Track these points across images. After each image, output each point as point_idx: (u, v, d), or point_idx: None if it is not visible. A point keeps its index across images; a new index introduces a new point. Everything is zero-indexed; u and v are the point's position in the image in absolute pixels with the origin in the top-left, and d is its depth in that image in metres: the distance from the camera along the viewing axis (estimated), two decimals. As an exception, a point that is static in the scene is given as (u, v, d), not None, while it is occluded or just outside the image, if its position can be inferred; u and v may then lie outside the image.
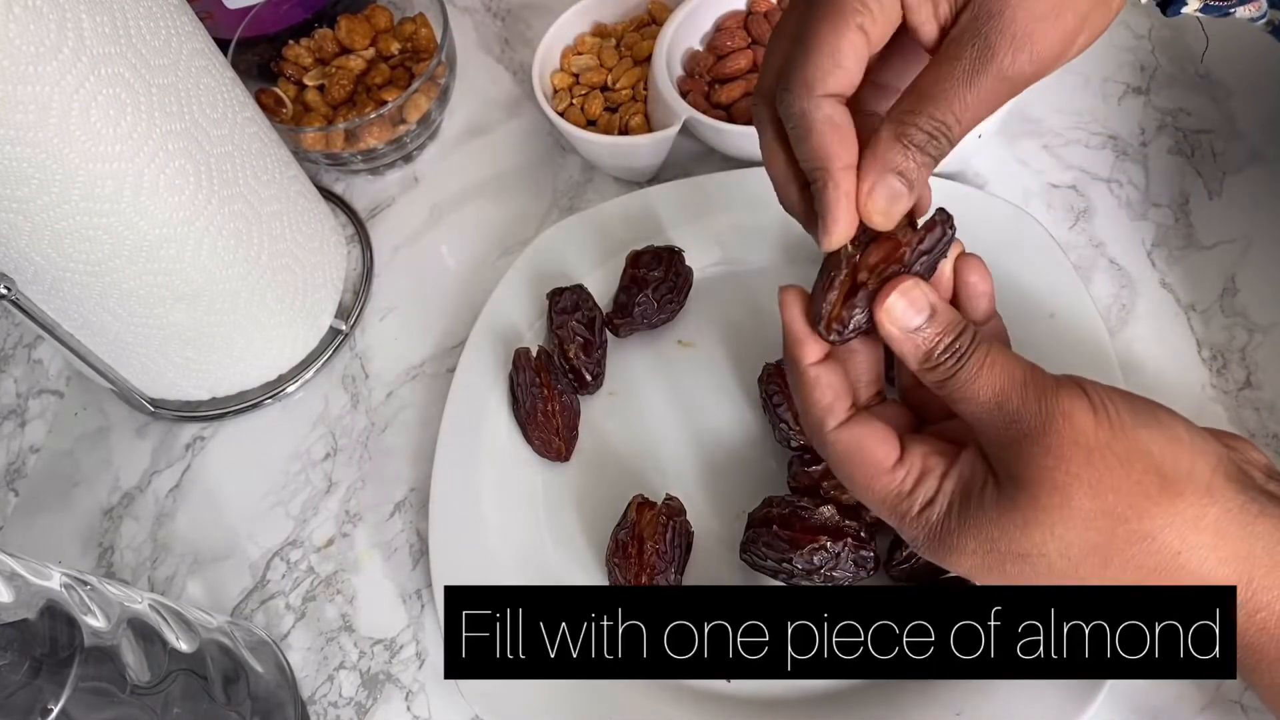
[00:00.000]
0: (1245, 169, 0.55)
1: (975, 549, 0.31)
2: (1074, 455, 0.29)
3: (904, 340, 0.32)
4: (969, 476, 0.32)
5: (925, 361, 0.32)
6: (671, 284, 0.53)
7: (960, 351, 0.32)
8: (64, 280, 0.47)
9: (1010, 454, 0.30)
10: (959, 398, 0.32)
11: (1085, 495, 0.29)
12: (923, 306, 0.32)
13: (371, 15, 0.67)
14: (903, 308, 0.32)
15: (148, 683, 0.37)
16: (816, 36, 0.31)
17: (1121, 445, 0.30)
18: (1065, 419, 0.30)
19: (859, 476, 0.33)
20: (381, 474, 0.55)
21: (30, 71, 0.39)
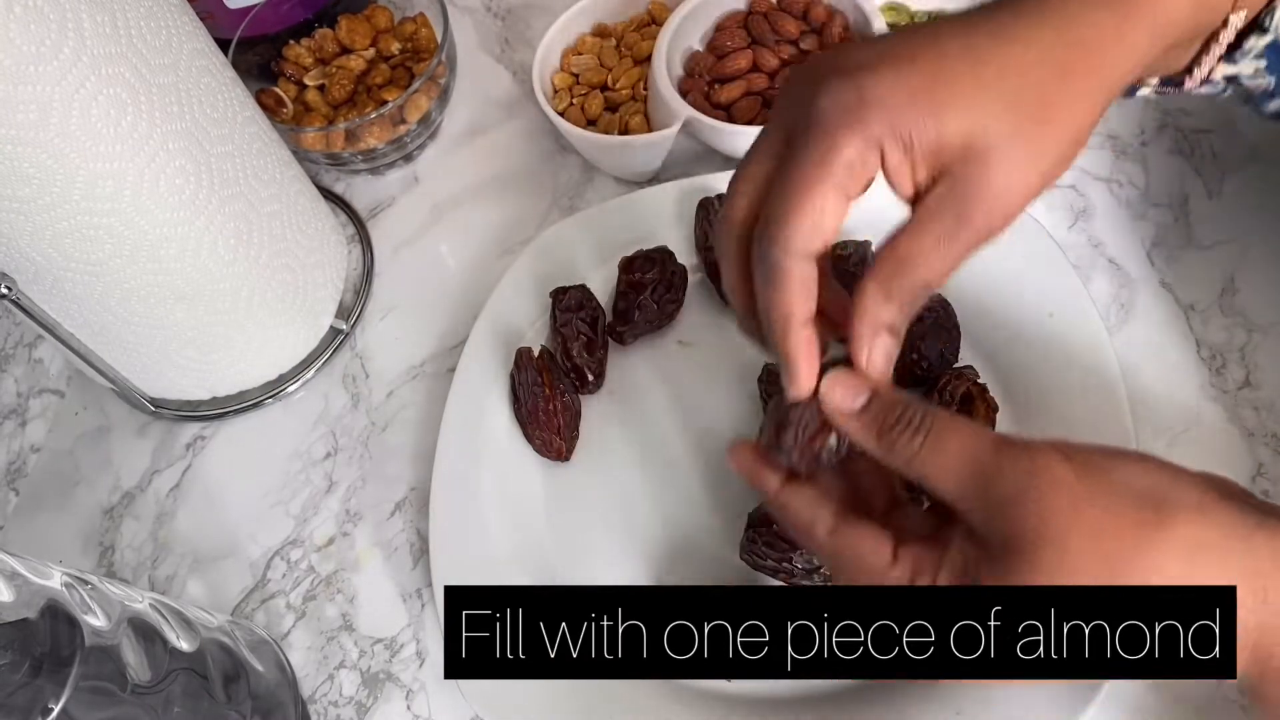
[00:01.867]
0: (1245, 169, 0.55)
1: None
2: (1061, 507, 0.29)
3: (853, 423, 0.33)
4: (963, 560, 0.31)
5: (882, 440, 0.32)
6: (668, 284, 0.53)
7: (913, 424, 0.32)
8: (64, 280, 0.48)
9: (996, 521, 0.30)
10: (931, 474, 0.31)
11: (1084, 544, 0.29)
12: (860, 389, 0.33)
13: (372, 15, 0.67)
14: (839, 393, 0.33)
15: (148, 682, 0.37)
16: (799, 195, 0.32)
17: (1104, 486, 0.29)
18: (1045, 473, 0.29)
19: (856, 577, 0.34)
20: (382, 473, 0.55)
21: (31, 71, 0.39)
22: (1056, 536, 0.29)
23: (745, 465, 0.37)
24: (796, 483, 0.35)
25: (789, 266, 0.32)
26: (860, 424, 0.33)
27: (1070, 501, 0.29)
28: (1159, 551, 0.29)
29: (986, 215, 0.32)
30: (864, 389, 0.33)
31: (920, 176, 0.32)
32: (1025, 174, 0.31)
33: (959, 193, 0.31)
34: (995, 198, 0.31)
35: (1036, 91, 0.31)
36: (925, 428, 0.32)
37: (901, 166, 0.32)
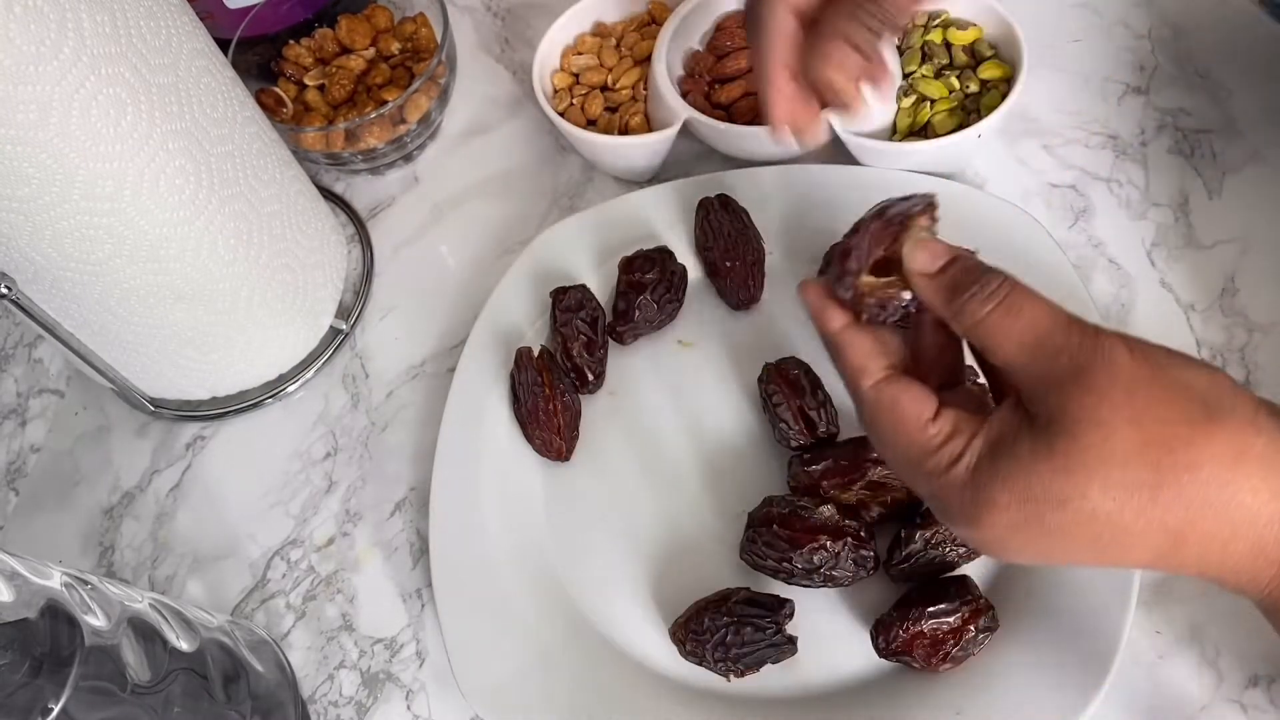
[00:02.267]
0: (1245, 169, 0.55)
1: (1009, 502, 0.30)
2: (1115, 391, 0.29)
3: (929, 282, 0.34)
4: (1001, 429, 0.31)
5: (953, 302, 0.33)
6: (668, 284, 0.53)
7: (989, 292, 0.32)
8: (64, 280, 0.48)
9: (1050, 395, 0.30)
10: (997, 338, 0.32)
11: (1129, 429, 0.29)
12: (941, 254, 0.34)
13: (372, 15, 0.67)
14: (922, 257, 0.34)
15: (148, 682, 0.37)
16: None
17: (1163, 379, 0.29)
18: (1105, 357, 0.30)
19: (890, 432, 0.34)
20: (382, 473, 0.55)
21: (31, 71, 0.39)
22: (1104, 418, 0.29)
23: (814, 298, 0.37)
24: (858, 327, 0.36)
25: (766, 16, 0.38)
26: (935, 284, 0.34)
27: (1125, 387, 0.29)
28: (1204, 451, 0.28)
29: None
30: (945, 254, 0.34)
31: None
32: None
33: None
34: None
35: None
36: (1001, 294, 0.32)
37: None
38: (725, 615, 0.44)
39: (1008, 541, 0.31)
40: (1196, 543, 0.29)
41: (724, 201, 0.54)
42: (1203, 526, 0.29)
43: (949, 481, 0.32)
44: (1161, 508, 0.28)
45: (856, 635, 0.45)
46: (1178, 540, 0.29)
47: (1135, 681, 0.43)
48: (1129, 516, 0.29)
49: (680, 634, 0.45)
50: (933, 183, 0.53)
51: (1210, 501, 0.28)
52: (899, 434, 0.33)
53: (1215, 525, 0.29)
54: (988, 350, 0.32)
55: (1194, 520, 0.28)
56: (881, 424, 0.34)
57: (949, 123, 0.56)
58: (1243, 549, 0.29)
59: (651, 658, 0.47)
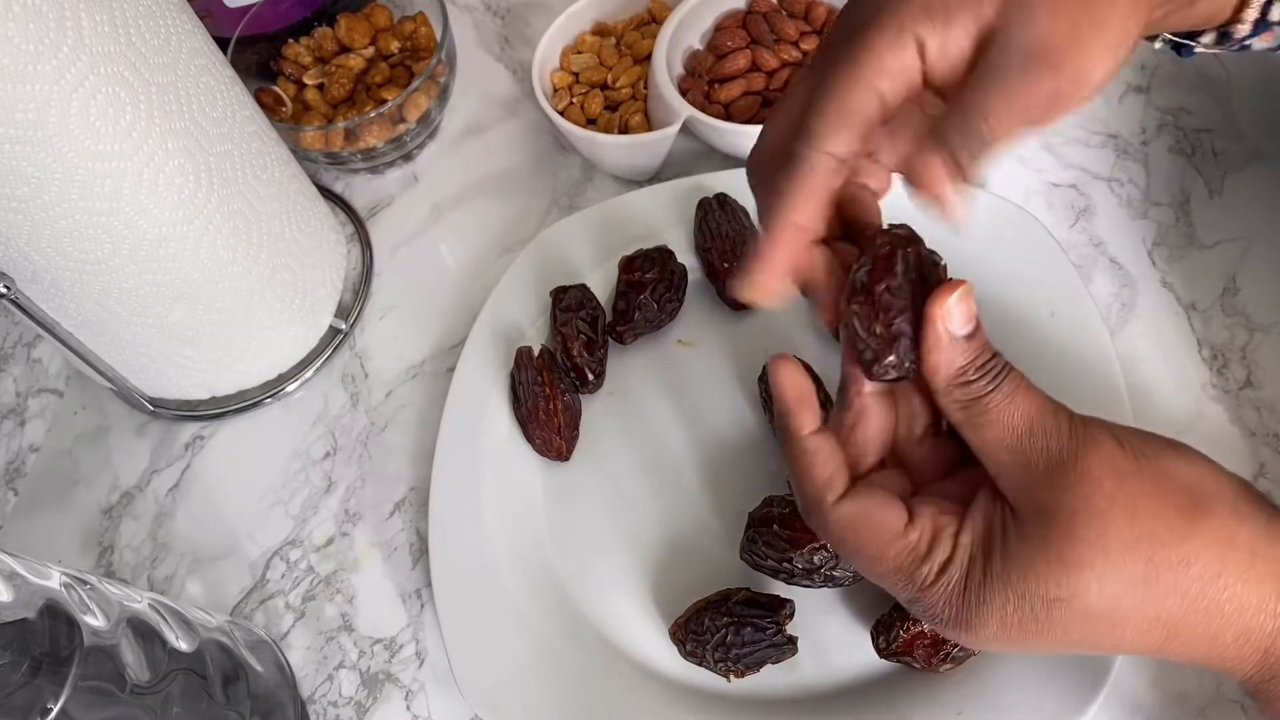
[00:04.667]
0: (1246, 168, 0.55)
1: (1004, 601, 0.29)
2: (1108, 480, 0.29)
3: (947, 349, 0.31)
4: (986, 526, 0.30)
5: (960, 377, 0.31)
6: (668, 283, 0.53)
7: (995, 371, 0.31)
8: (63, 279, 0.47)
9: (1040, 485, 0.29)
10: (987, 423, 0.31)
11: (1123, 522, 0.28)
12: (971, 317, 0.31)
13: (371, 14, 0.67)
14: (959, 312, 0.31)
15: (147, 682, 0.36)
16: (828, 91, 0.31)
17: (1150, 470, 0.29)
18: (1095, 446, 0.29)
19: (869, 548, 0.31)
20: (381, 473, 0.55)
21: (29, 70, 0.39)
22: (1099, 509, 0.28)
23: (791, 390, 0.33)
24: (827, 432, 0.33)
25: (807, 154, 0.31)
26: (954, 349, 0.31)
27: (1116, 478, 0.29)
28: (1194, 544, 0.28)
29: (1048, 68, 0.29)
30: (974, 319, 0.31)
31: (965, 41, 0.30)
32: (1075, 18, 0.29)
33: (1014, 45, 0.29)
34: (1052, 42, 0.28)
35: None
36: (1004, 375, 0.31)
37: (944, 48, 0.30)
38: (725, 615, 0.43)
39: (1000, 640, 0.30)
40: (1187, 634, 0.29)
41: (723, 201, 0.54)
42: (1193, 619, 0.29)
43: (941, 589, 0.30)
44: (1155, 604, 0.29)
45: (856, 635, 0.45)
46: (1169, 634, 0.29)
47: (1135, 681, 0.43)
48: (1123, 614, 0.29)
49: (680, 634, 0.45)
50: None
51: (1202, 595, 0.29)
52: (878, 549, 0.31)
53: (1205, 618, 0.29)
54: (975, 432, 0.31)
55: (1185, 614, 0.29)
56: (857, 540, 0.32)
57: (949, 122, 0.55)
58: (1230, 637, 0.29)
59: (651, 658, 0.47)
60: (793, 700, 0.44)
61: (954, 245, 0.52)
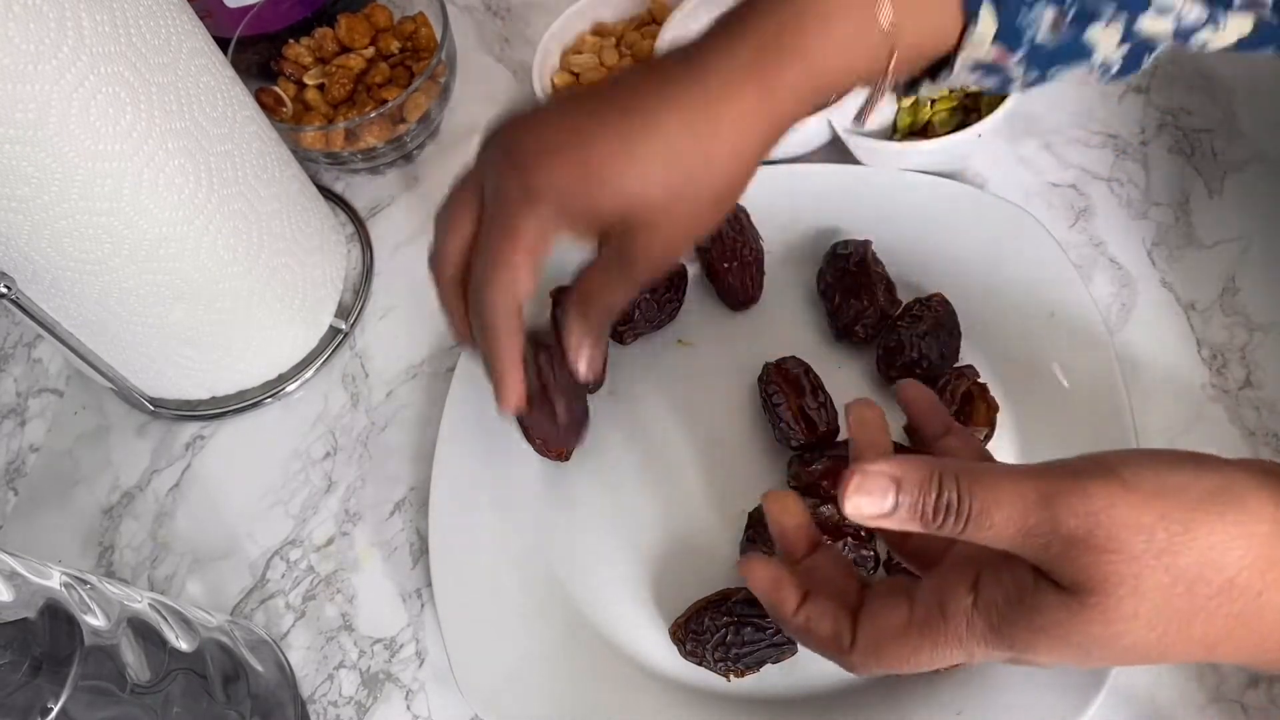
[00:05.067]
0: (1245, 168, 0.55)
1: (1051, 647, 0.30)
2: (1131, 540, 0.28)
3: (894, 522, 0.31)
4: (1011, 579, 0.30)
5: (928, 527, 0.31)
6: (668, 283, 0.53)
7: (952, 504, 0.30)
8: (63, 279, 0.47)
9: (1063, 564, 0.29)
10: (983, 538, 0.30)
11: (1156, 572, 0.28)
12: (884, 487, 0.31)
13: (371, 14, 0.67)
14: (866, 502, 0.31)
15: (147, 682, 0.37)
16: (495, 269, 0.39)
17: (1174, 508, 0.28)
18: (1107, 510, 0.28)
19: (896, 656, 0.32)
20: (381, 473, 0.55)
21: (30, 70, 0.39)
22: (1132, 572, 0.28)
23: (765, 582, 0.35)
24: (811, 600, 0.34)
25: (497, 324, 0.39)
26: (898, 521, 0.31)
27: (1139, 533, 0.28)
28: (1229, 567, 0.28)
29: (646, 266, 0.38)
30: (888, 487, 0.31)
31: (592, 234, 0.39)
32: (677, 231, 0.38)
33: (622, 251, 0.38)
34: (652, 253, 0.38)
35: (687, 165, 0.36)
36: (966, 506, 0.30)
37: (577, 233, 0.38)
38: (725, 615, 0.43)
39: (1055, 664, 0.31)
40: (1232, 647, 0.29)
41: (724, 201, 0.54)
42: (1239, 634, 0.29)
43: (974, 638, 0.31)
44: (1200, 628, 0.29)
45: (857, 635, 0.45)
46: (1214, 651, 0.29)
47: (1135, 681, 0.43)
48: (1170, 641, 0.29)
49: (680, 634, 0.45)
50: (932, 182, 0.53)
51: (1244, 613, 0.29)
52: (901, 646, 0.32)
53: (1250, 632, 0.29)
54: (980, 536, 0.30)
55: (1231, 631, 0.29)
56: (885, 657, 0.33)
57: (949, 122, 0.55)
58: (1273, 644, 0.29)
59: (651, 658, 0.47)
60: (793, 700, 0.44)
61: (954, 246, 0.52)
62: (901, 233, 0.52)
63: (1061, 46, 0.39)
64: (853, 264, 0.51)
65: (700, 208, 0.38)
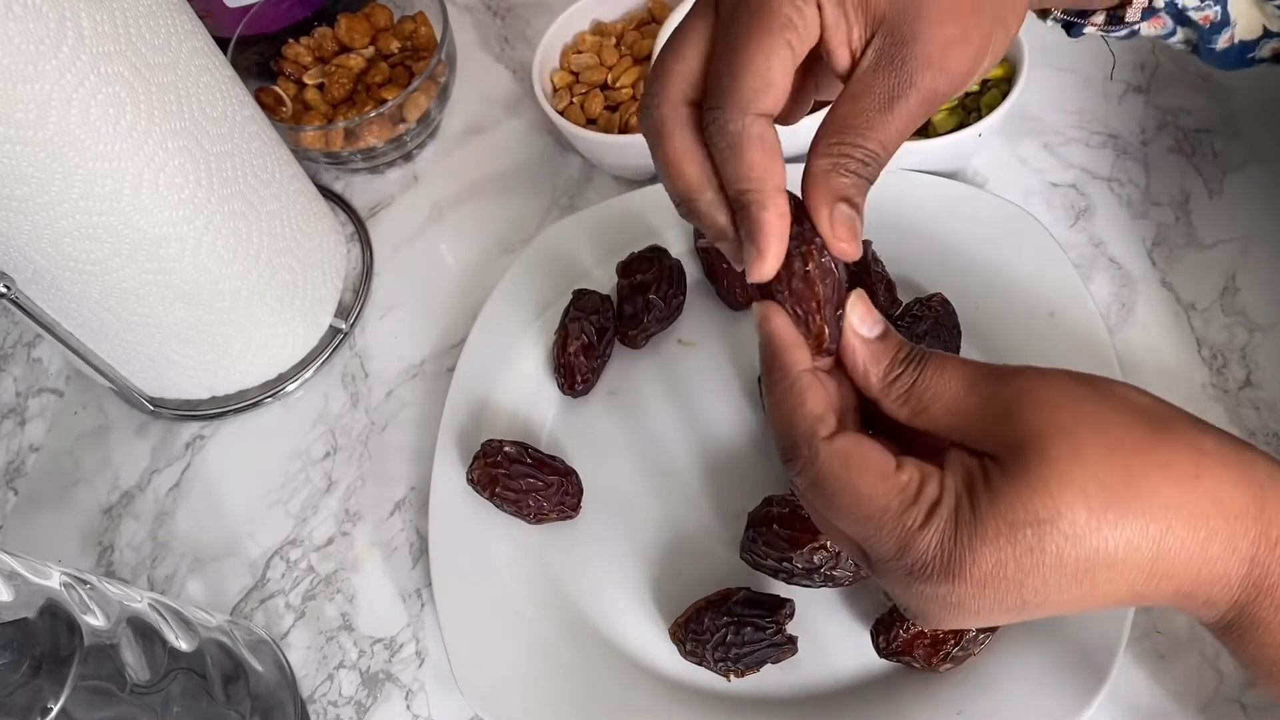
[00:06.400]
0: (1245, 168, 0.55)
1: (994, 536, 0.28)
2: (1069, 402, 0.29)
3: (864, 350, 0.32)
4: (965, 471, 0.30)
5: (888, 375, 0.32)
6: (669, 280, 0.53)
7: (916, 359, 0.32)
8: (63, 279, 0.47)
9: (1005, 423, 0.30)
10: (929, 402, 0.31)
11: (1093, 434, 0.28)
12: (877, 318, 0.33)
13: (371, 14, 0.67)
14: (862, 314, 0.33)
15: (147, 682, 0.37)
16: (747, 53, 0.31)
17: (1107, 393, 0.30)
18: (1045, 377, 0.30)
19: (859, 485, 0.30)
20: (381, 473, 0.55)
21: (30, 70, 0.39)
22: (1066, 426, 0.28)
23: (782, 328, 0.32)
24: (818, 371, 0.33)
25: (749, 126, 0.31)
26: (869, 350, 0.32)
27: (1075, 401, 0.29)
28: (1167, 448, 0.29)
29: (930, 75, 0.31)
30: (881, 322, 0.33)
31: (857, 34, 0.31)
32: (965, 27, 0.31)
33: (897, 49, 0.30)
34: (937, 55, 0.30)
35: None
36: (925, 359, 0.32)
37: (838, 22, 0.31)
38: (725, 615, 0.43)
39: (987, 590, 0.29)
40: (1176, 548, 0.28)
41: (724, 201, 0.54)
42: (1180, 529, 0.28)
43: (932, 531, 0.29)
44: (1139, 511, 0.28)
45: (856, 635, 0.45)
46: (1158, 551, 0.28)
47: (1135, 681, 0.43)
48: (1109, 527, 0.28)
49: (680, 634, 0.45)
50: (933, 182, 0.53)
51: (1184, 498, 0.28)
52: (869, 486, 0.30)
53: (1191, 526, 0.28)
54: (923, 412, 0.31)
55: (1171, 523, 0.28)
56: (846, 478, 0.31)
57: (949, 122, 0.55)
58: (1217, 549, 0.28)
59: (651, 658, 0.47)
60: (793, 700, 0.44)
61: (954, 246, 0.52)
62: (901, 233, 0.52)
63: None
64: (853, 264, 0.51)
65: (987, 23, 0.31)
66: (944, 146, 0.53)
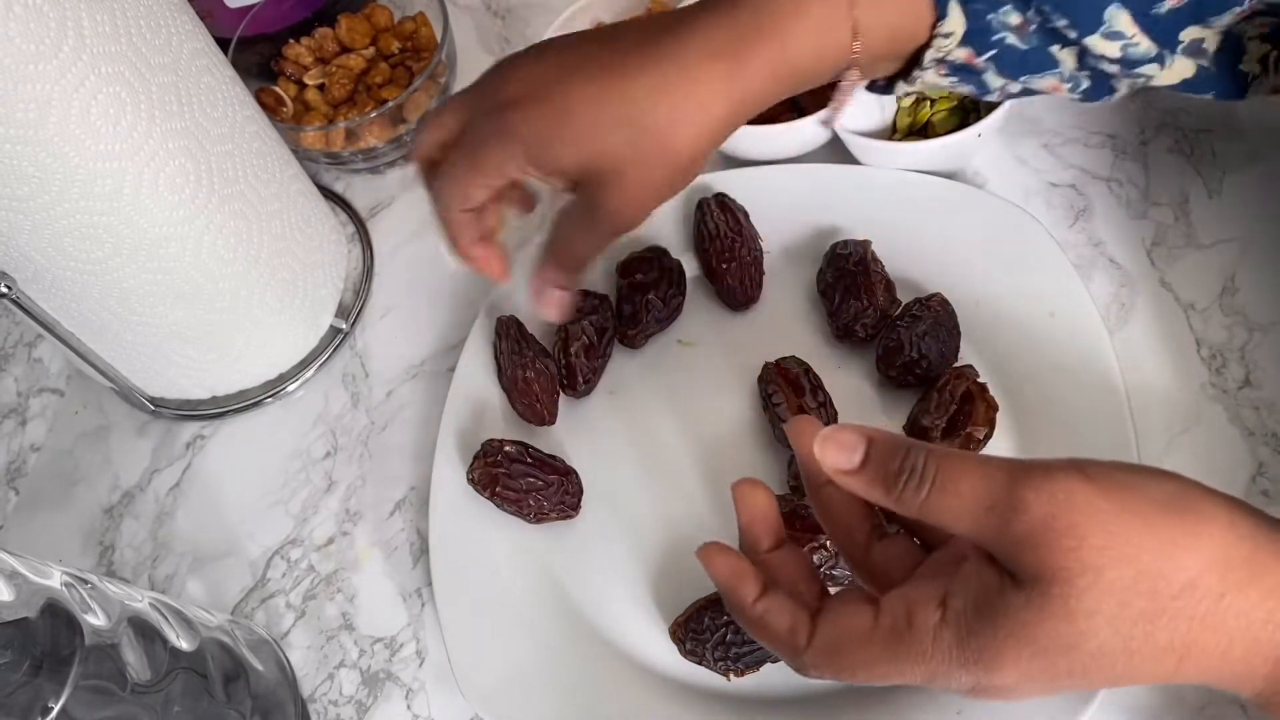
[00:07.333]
0: (1245, 168, 0.55)
1: (1018, 656, 0.29)
2: (1092, 529, 0.28)
3: (855, 480, 0.32)
4: (978, 586, 0.30)
5: (891, 493, 0.31)
6: (669, 280, 0.54)
7: (918, 470, 0.31)
8: (64, 279, 0.48)
9: (1024, 551, 0.29)
10: (944, 518, 0.30)
11: (1118, 565, 0.28)
12: (854, 444, 0.32)
13: (372, 14, 0.67)
14: (834, 452, 0.32)
15: (148, 681, 0.37)
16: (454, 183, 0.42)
17: (1132, 503, 0.29)
18: (1067, 500, 0.29)
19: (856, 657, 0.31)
20: (382, 472, 0.55)
21: (30, 70, 0.39)
22: (1093, 561, 0.28)
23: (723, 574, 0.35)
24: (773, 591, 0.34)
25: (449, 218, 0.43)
26: (863, 480, 0.32)
27: (1101, 525, 0.28)
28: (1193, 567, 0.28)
29: (612, 222, 0.41)
30: (859, 443, 0.32)
31: (561, 184, 0.41)
32: (639, 195, 0.40)
33: (588, 204, 0.41)
34: (615, 209, 0.40)
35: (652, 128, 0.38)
36: (931, 473, 0.30)
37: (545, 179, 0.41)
38: (725, 615, 0.44)
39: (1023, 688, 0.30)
40: (1199, 656, 0.29)
41: (721, 202, 0.54)
42: (1204, 640, 0.29)
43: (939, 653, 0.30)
44: (1165, 632, 0.29)
45: (856, 635, 0.45)
46: (1182, 657, 0.29)
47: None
48: (1136, 645, 0.29)
49: (680, 633, 0.45)
50: (932, 182, 0.53)
51: (1208, 616, 0.28)
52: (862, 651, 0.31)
53: (1215, 637, 0.29)
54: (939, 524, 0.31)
55: (1196, 636, 0.29)
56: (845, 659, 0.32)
57: (949, 122, 0.55)
58: (1239, 653, 0.29)
59: (651, 658, 0.47)
60: (792, 700, 0.44)
61: (954, 246, 0.52)
62: (901, 233, 0.53)
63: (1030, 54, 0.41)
64: (852, 264, 0.51)
65: (662, 172, 0.40)
66: (944, 147, 0.53)
